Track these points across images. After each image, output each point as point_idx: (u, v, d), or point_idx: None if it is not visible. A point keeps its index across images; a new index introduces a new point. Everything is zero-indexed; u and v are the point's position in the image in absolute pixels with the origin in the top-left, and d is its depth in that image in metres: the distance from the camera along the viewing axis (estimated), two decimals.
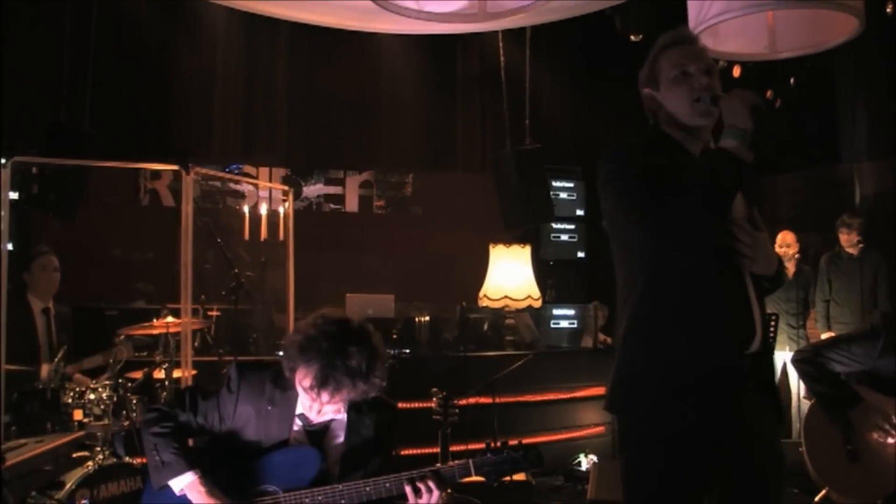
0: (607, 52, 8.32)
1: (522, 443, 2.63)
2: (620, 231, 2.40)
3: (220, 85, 8.72)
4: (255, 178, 8.82)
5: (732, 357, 2.27)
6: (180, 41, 8.38)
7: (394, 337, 6.17)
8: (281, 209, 6.02)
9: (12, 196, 4.86)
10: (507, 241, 7.09)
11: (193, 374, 4.81)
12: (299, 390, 2.59)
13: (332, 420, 2.69)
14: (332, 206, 9.30)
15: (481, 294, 6.89)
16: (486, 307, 7.00)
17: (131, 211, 8.40)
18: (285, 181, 8.87)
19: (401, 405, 2.89)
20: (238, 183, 8.68)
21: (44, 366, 4.72)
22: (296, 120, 8.97)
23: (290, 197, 5.91)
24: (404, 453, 5.17)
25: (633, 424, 2.38)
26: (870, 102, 7.97)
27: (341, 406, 2.64)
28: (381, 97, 9.16)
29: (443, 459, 4.18)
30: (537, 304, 6.94)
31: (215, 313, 5.83)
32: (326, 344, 2.51)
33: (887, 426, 3.66)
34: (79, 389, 4.22)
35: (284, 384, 2.67)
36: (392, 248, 8.79)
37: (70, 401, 4.17)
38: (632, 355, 2.35)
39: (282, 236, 5.97)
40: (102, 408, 4.22)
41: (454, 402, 4.32)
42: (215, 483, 2.59)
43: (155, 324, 4.68)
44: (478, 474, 2.58)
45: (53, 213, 6.18)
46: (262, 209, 5.87)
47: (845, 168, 8.18)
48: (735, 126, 2.21)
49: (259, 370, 2.74)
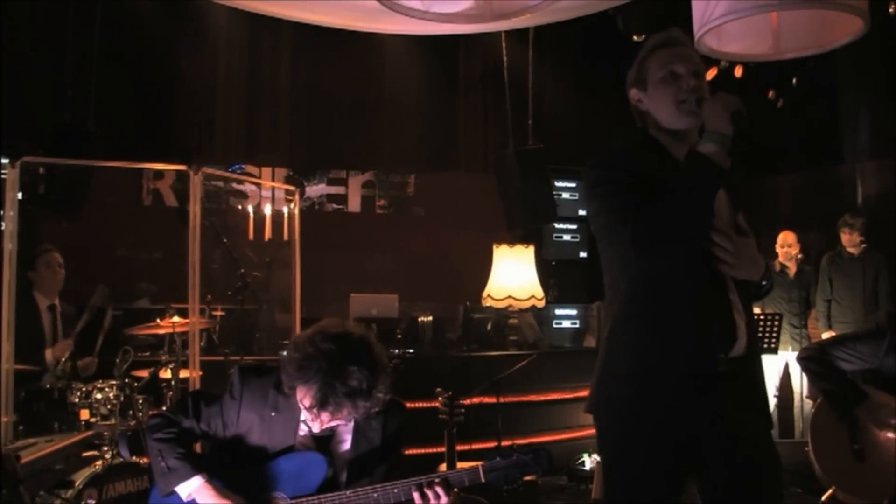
0: (610, 53, 8.32)
1: (531, 445, 2.63)
2: (606, 235, 2.40)
3: (222, 85, 8.72)
4: (258, 178, 8.82)
5: (710, 361, 2.26)
6: (183, 41, 8.38)
7: (398, 337, 6.18)
8: (285, 209, 6.03)
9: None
10: (511, 241, 7.10)
11: (199, 374, 4.80)
12: (300, 406, 2.55)
13: (338, 425, 2.65)
14: (334, 206, 9.30)
15: (485, 294, 6.90)
16: (489, 307, 7.00)
17: (134, 211, 8.39)
18: (288, 181, 8.87)
19: (405, 405, 2.86)
20: (241, 183, 8.68)
21: (48, 350, 4.73)
22: (298, 120, 8.96)
23: (296, 197, 5.91)
24: (409, 453, 5.16)
25: (610, 425, 2.39)
26: (872, 102, 7.98)
27: (340, 421, 2.59)
28: (383, 97, 9.16)
29: (448, 459, 4.19)
30: (541, 304, 6.95)
31: (219, 313, 5.84)
32: (325, 364, 2.45)
33: (894, 424, 3.68)
34: (86, 389, 4.23)
35: (288, 389, 2.61)
36: (394, 248, 8.80)
37: (77, 400, 4.18)
38: (612, 358, 2.37)
39: (286, 236, 5.99)
40: (109, 407, 4.23)
41: (460, 401, 4.33)
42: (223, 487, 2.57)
43: (161, 323, 4.68)
44: (487, 479, 2.55)
45: (58, 213, 6.18)
46: (267, 209, 5.87)
47: (847, 168, 8.18)
48: (715, 131, 2.20)
49: (262, 375, 2.69)
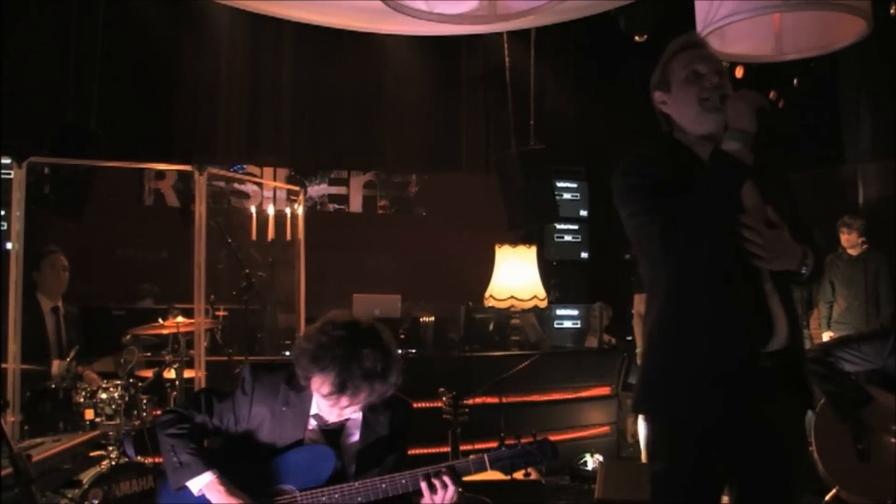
0: (611, 53, 8.35)
1: (537, 437, 2.66)
2: (640, 238, 2.45)
3: (225, 85, 8.74)
4: (260, 178, 8.82)
5: (749, 356, 2.29)
6: (186, 41, 8.40)
7: (400, 337, 6.19)
8: (288, 210, 6.05)
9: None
10: (513, 242, 7.10)
11: (203, 374, 4.81)
12: (317, 396, 2.60)
13: (347, 419, 2.70)
14: (335, 206, 9.31)
15: (487, 294, 6.90)
16: (491, 307, 7.01)
17: (135, 211, 8.40)
18: (289, 181, 8.87)
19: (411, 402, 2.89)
20: (242, 183, 8.68)
21: (55, 362, 4.73)
22: (300, 120, 8.98)
23: (300, 197, 5.92)
24: (413, 452, 5.16)
25: (657, 423, 2.45)
26: (873, 103, 7.98)
27: (358, 406, 2.64)
28: (385, 97, 9.17)
29: (453, 459, 4.20)
30: (543, 304, 6.96)
31: (222, 313, 5.84)
32: (340, 350, 2.50)
33: None
34: (90, 389, 4.24)
35: (299, 385, 2.67)
36: (396, 249, 8.80)
37: (82, 400, 4.19)
38: (655, 357, 2.44)
39: (289, 236, 6.00)
40: (114, 407, 4.24)
41: (463, 401, 4.34)
42: (234, 483, 2.59)
43: (165, 324, 4.69)
44: (493, 468, 2.60)
45: (60, 214, 6.17)
46: (270, 210, 5.88)
47: (849, 169, 8.18)
48: (738, 128, 2.23)
49: (273, 371, 2.74)
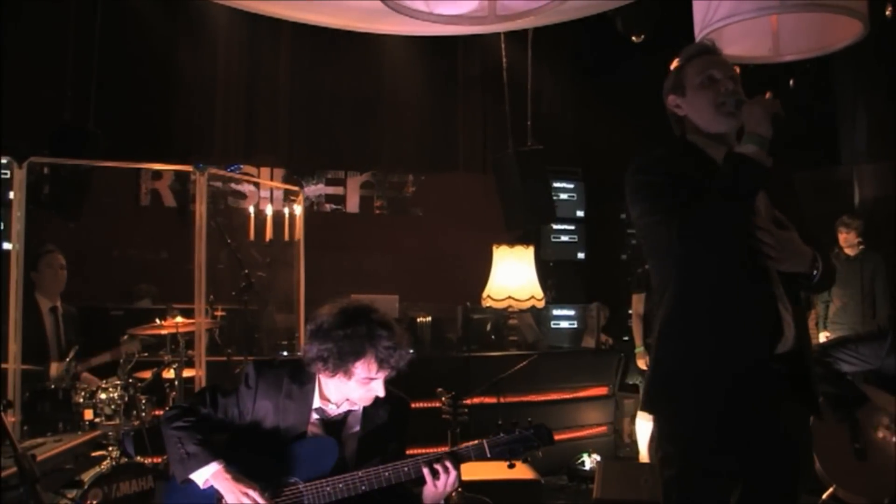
0: (609, 54, 8.37)
1: (533, 422, 2.70)
2: (651, 238, 2.48)
3: (222, 85, 8.72)
4: (257, 178, 8.81)
5: (758, 358, 2.32)
6: (183, 41, 8.38)
7: None
8: (286, 210, 6.05)
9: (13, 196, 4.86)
10: (511, 242, 7.11)
11: (203, 374, 4.81)
12: (353, 382, 2.63)
13: (348, 412, 2.75)
14: (332, 206, 9.30)
15: (485, 294, 6.91)
16: (488, 307, 7.02)
17: (132, 211, 8.38)
18: (286, 181, 8.87)
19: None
20: (239, 183, 8.68)
21: (53, 364, 4.73)
22: (297, 120, 8.97)
23: (300, 197, 5.92)
24: (411, 452, 5.18)
25: (665, 422, 2.48)
26: (869, 104, 8.03)
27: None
28: (382, 97, 9.17)
29: None
30: (540, 304, 6.96)
31: (220, 313, 5.84)
32: (363, 330, 2.58)
33: (894, 425, 3.71)
34: (90, 389, 4.24)
35: (302, 379, 2.73)
36: (393, 249, 8.80)
37: (81, 400, 4.20)
38: (663, 357, 2.46)
39: (287, 236, 6.00)
40: (113, 407, 4.25)
41: (462, 402, 4.36)
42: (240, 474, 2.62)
43: (164, 324, 4.69)
44: (492, 454, 2.64)
45: (57, 214, 6.17)
46: (268, 210, 5.88)
47: (845, 170, 8.22)
48: (755, 132, 2.28)
49: (276, 367, 2.80)
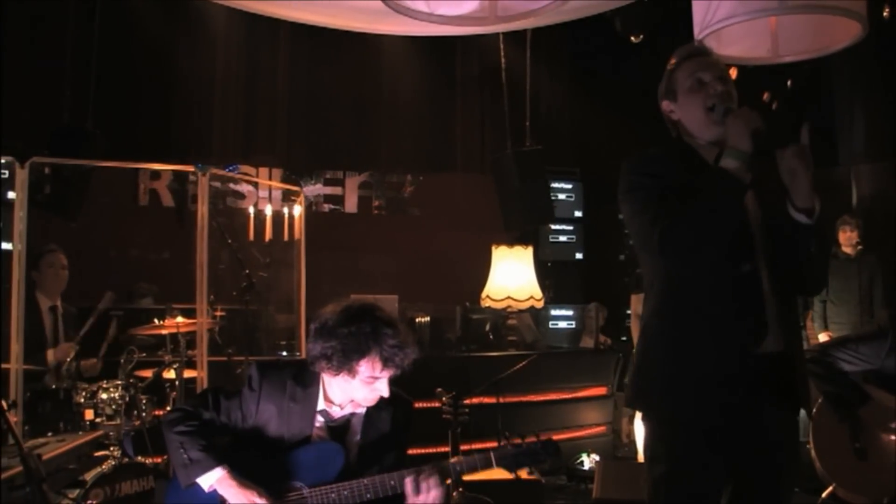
0: (607, 55, 8.39)
1: (540, 437, 2.70)
2: (640, 235, 2.48)
3: (220, 85, 8.70)
4: (255, 178, 8.81)
5: (740, 357, 2.33)
6: (182, 41, 8.37)
7: None
8: (286, 210, 6.06)
9: (12, 195, 4.86)
10: (510, 242, 7.12)
11: (205, 374, 4.81)
12: (356, 381, 2.60)
13: (352, 415, 2.72)
14: (331, 206, 9.30)
15: (484, 294, 6.92)
16: (487, 307, 7.03)
17: (131, 211, 8.37)
18: (284, 181, 8.87)
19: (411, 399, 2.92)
20: (238, 183, 8.68)
21: (49, 351, 4.73)
22: (295, 120, 8.96)
23: (301, 197, 5.93)
24: (411, 452, 5.18)
25: (652, 420, 2.51)
26: (867, 105, 8.05)
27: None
28: (380, 98, 9.17)
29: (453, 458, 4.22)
30: (539, 304, 6.97)
31: (220, 313, 5.84)
32: (368, 329, 2.55)
33: (894, 425, 3.72)
34: (90, 389, 4.24)
35: (306, 381, 2.69)
36: (392, 249, 8.79)
37: (82, 400, 4.20)
38: (646, 354, 2.50)
39: (286, 237, 6.01)
40: (114, 407, 4.25)
41: (463, 401, 4.37)
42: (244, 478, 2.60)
43: (165, 323, 4.69)
44: (499, 466, 2.64)
45: (56, 214, 6.17)
46: (268, 210, 5.88)
47: (843, 170, 8.25)
48: (736, 148, 2.29)
49: (279, 368, 2.76)
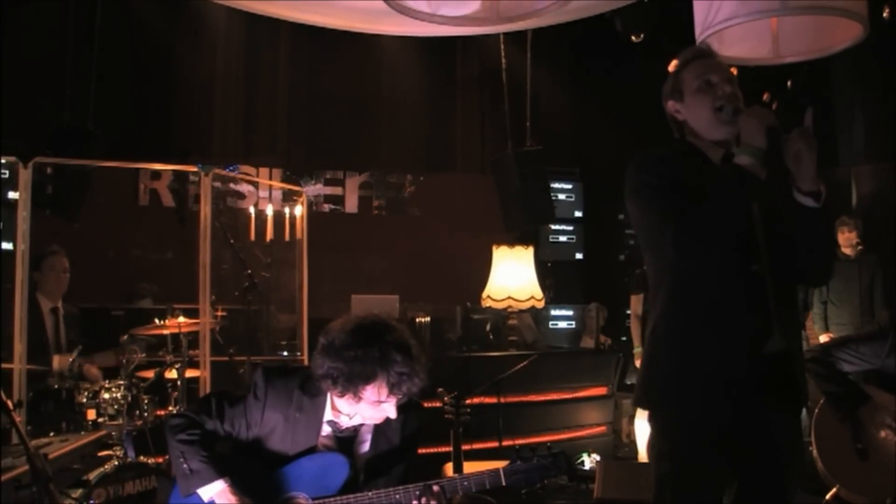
0: (607, 55, 8.39)
1: (551, 448, 2.65)
2: (646, 237, 2.50)
3: (220, 85, 8.71)
4: (256, 178, 8.81)
5: (747, 358, 2.33)
6: (182, 41, 8.38)
7: None
8: (287, 210, 6.06)
9: (13, 196, 4.87)
10: (511, 242, 7.13)
11: (207, 374, 4.82)
12: (364, 405, 2.54)
13: (361, 425, 2.67)
14: (331, 206, 9.31)
15: (484, 295, 6.92)
16: (488, 307, 7.03)
17: (131, 211, 8.37)
18: (284, 182, 8.87)
19: (422, 404, 2.87)
20: (238, 183, 8.68)
21: (55, 357, 4.71)
22: (296, 120, 8.97)
23: (303, 197, 5.93)
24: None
25: (659, 419, 2.51)
26: (867, 105, 8.07)
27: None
28: (381, 98, 9.18)
29: (455, 459, 4.23)
30: (540, 304, 6.98)
31: (221, 313, 5.85)
32: (376, 354, 2.48)
33: (895, 424, 3.73)
34: (93, 389, 4.24)
35: (313, 390, 2.64)
36: (392, 249, 8.80)
37: (84, 400, 4.20)
38: (653, 354, 2.49)
39: (288, 237, 6.01)
40: (116, 407, 4.25)
41: (465, 401, 4.36)
42: (244, 490, 2.56)
43: (167, 323, 4.69)
44: (508, 482, 2.58)
45: (56, 214, 6.17)
46: (269, 210, 5.88)
47: (843, 171, 8.26)
48: (750, 144, 2.30)
49: (286, 376, 2.70)
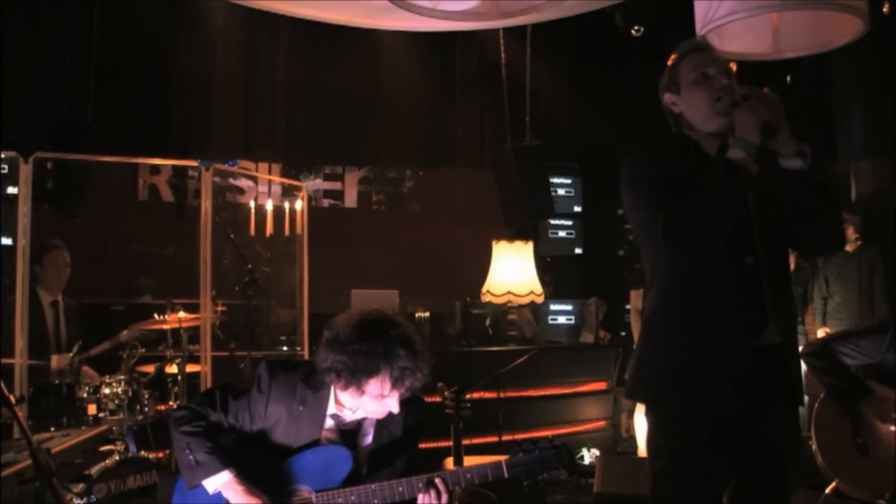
0: (607, 50, 8.40)
1: (552, 441, 2.64)
2: (641, 229, 2.52)
3: (220, 80, 8.69)
4: (255, 172, 8.81)
5: (740, 351, 2.35)
6: (181, 36, 8.37)
7: None
8: (287, 205, 6.07)
9: (12, 191, 4.87)
10: (510, 237, 7.13)
11: (209, 369, 4.82)
12: (367, 399, 2.56)
13: (364, 418, 2.69)
14: (330, 201, 9.31)
15: (484, 290, 6.93)
16: (488, 302, 7.03)
17: (130, 206, 8.36)
18: (284, 176, 8.87)
19: (424, 399, 2.87)
20: (237, 178, 8.67)
21: (54, 357, 4.73)
22: (295, 115, 8.97)
23: (304, 192, 5.93)
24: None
25: (655, 414, 2.52)
26: (866, 101, 8.07)
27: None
28: (380, 93, 9.17)
29: (455, 453, 4.23)
30: (539, 299, 6.98)
31: (221, 308, 5.85)
32: (380, 348, 2.50)
33: (895, 419, 3.74)
34: (93, 384, 4.25)
35: (317, 384, 2.65)
36: (392, 244, 8.80)
37: (85, 395, 4.20)
38: (646, 347, 2.52)
39: (287, 231, 6.01)
40: (117, 402, 4.25)
41: (465, 396, 4.37)
42: (249, 483, 2.57)
43: (168, 318, 4.69)
44: (510, 474, 2.59)
45: (56, 209, 6.16)
46: (269, 205, 5.88)
47: (842, 166, 8.27)
48: (744, 139, 2.30)
49: (290, 370, 2.72)
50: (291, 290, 6.18)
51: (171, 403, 4.65)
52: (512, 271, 6.92)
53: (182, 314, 4.73)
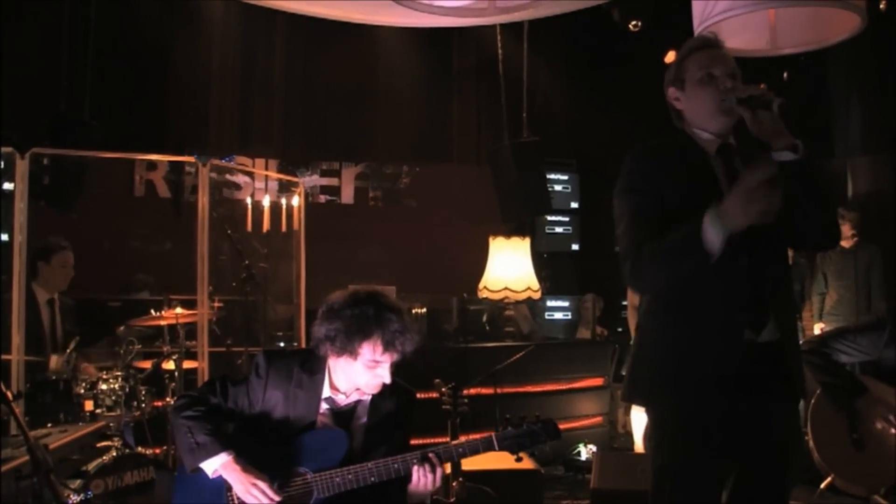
0: (603, 45, 8.40)
1: (540, 417, 2.73)
2: (621, 249, 2.54)
3: (216, 75, 8.67)
4: (251, 168, 8.79)
5: (740, 348, 2.35)
6: (178, 32, 8.34)
7: None
8: (283, 201, 6.06)
9: (8, 186, 4.85)
10: (507, 233, 7.14)
11: (206, 365, 4.82)
12: (359, 364, 2.65)
13: (357, 402, 2.77)
14: (327, 197, 9.30)
15: (481, 286, 6.93)
16: (484, 298, 7.04)
17: (126, 202, 8.35)
18: (281, 172, 8.85)
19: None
20: (234, 174, 8.66)
21: (53, 357, 4.72)
22: (292, 111, 8.94)
23: (300, 188, 5.92)
24: (412, 443, 5.21)
25: (655, 411, 2.54)
26: (863, 97, 8.08)
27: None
28: (377, 88, 9.14)
29: None
30: (536, 295, 6.99)
31: (218, 304, 5.84)
32: (372, 312, 2.62)
33: (891, 416, 3.75)
34: (90, 380, 4.25)
35: (312, 368, 2.76)
36: (389, 240, 8.79)
37: (82, 391, 4.20)
38: (641, 348, 2.54)
39: (284, 227, 6.01)
40: (114, 398, 4.26)
41: (461, 392, 4.38)
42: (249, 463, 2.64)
43: (165, 315, 4.69)
44: (500, 447, 2.68)
45: (53, 205, 6.15)
46: (266, 201, 5.88)
47: (838, 163, 8.29)
48: (732, 223, 2.24)
49: (286, 356, 2.83)
50: (288, 285, 6.19)
51: (168, 399, 4.65)
52: (509, 267, 6.92)
53: (179, 310, 4.74)
